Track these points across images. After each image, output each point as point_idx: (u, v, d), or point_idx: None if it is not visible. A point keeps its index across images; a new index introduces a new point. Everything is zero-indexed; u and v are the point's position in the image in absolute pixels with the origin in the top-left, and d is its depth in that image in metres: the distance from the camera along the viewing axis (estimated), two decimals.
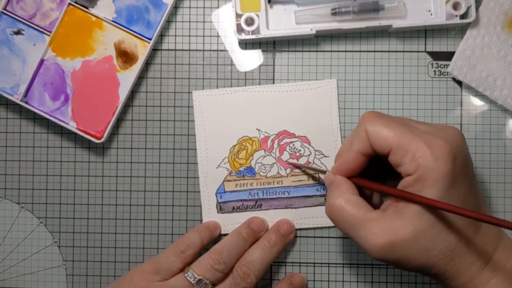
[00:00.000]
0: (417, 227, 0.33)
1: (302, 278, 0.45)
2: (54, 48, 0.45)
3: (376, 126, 0.35)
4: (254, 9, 0.44)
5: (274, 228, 0.44)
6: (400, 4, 0.43)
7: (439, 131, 0.35)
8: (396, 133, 0.34)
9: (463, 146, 0.35)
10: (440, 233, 0.33)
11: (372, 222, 0.34)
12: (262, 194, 0.45)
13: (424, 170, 0.33)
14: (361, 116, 0.37)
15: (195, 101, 0.46)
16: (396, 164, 0.35)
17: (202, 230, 0.43)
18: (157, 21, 0.45)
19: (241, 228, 0.43)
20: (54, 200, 0.47)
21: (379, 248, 0.34)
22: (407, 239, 0.33)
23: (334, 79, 0.45)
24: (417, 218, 0.33)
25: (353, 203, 0.36)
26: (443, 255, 0.34)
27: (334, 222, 0.37)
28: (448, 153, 0.33)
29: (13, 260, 0.47)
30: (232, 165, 0.46)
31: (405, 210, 0.34)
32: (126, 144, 0.46)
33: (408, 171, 0.34)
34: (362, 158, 0.37)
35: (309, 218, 0.45)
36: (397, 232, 0.33)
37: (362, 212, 0.35)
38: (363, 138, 0.36)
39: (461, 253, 0.34)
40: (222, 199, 0.46)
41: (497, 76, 0.44)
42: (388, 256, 0.34)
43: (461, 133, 0.36)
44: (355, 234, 0.35)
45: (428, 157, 0.33)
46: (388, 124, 0.35)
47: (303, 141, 0.45)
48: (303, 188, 0.45)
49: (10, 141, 0.47)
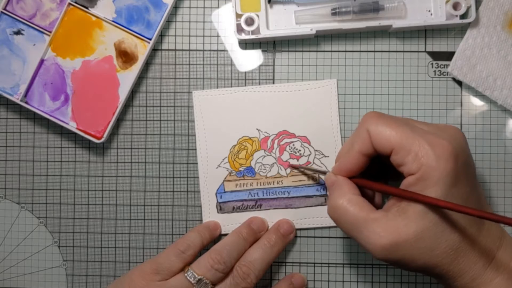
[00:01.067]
0: (420, 227, 0.33)
1: (302, 278, 0.45)
2: (54, 48, 0.45)
3: (378, 126, 0.35)
4: (254, 9, 0.44)
5: (274, 228, 0.44)
6: (400, 4, 0.43)
7: (440, 131, 0.35)
8: (398, 133, 0.34)
9: (464, 146, 0.35)
10: (443, 233, 0.33)
11: (375, 222, 0.34)
12: (262, 194, 0.45)
13: (426, 169, 0.33)
14: (363, 116, 0.37)
15: (195, 101, 0.46)
16: (398, 163, 0.35)
17: (202, 230, 0.43)
18: (157, 21, 0.45)
19: (241, 228, 0.43)
20: (54, 200, 0.47)
21: (382, 248, 0.34)
22: (410, 239, 0.33)
23: (334, 79, 0.45)
24: (420, 218, 0.33)
25: (356, 203, 0.36)
26: (447, 254, 0.34)
27: (337, 222, 0.37)
28: (450, 153, 0.33)
29: (13, 260, 0.47)
30: (232, 165, 0.46)
31: (408, 210, 0.34)
32: (126, 144, 0.46)
33: (410, 171, 0.34)
34: (363, 158, 0.37)
35: (309, 218, 0.45)
36: (400, 232, 0.33)
37: (365, 212, 0.35)
38: (365, 139, 0.36)
39: (465, 252, 0.34)
40: (222, 199, 0.46)
41: (497, 76, 0.44)
42: (391, 256, 0.34)
43: (462, 133, 0.36)
44: (358, 234, 0.35)
45: (431, 156, 0.33)
46: (390, 124, 0.35)
47: (303, 141, 0.45)
48: (303, 188, 0.45)
49: (10, 141, 0.47)
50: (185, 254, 0.41)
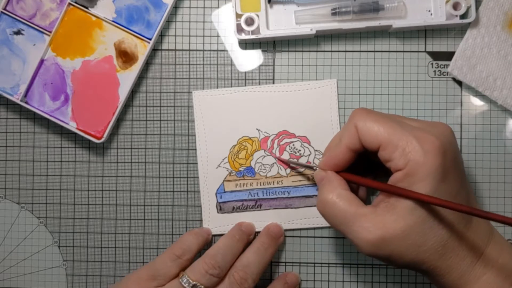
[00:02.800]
0: (408, 223, 0.33)
1: (296, 276, 0.45)
2: (54, 48, 0.45)
3: (366, 122, 0.36)
4: (254, 9, 0.44)
5: (265, 232, 0.44)
6: (400, 4, 0.43)
7: (429, 126, 0.35)
8: (386, 129, 0.35)
9: (453, 142, 0.35)
10: (431, 229, 0.33)
11: (363, 217, 0.34)
12: (262, 194, 0.45)
13: (414, 165, 0.33)
14: (352, 112, 0.37)
15: (195, 101, 0.46)
16: (386, 159, 0.35)
17: (198, 232, 0.43)
18: (157, 21, 0.45)
19: (233, 231, 0.43)
20: (54, 200, 0.47)
21: (370, 243, 0.34)
22: (398, 235, 0.33)
23: (334, 79, 0.45)
24: (408, 214, 0.33)
25: (345, 198, 0.36)
26: (434, 250, 0.34)
27: (326, 217, 0.37)
28: (438, 148, 0.33)
29: (13, 260, 0.47)
30: (232, 165, 0.46)
31: (397, 206, 0.34)
32: (126, 144, 0.46)
33: (397, 166, 0.34)
34: (350, 153, 0.37)
35: (309, 218, 0.45)
36: (389, 227, 0.33)
37: (354, 208, 0.35)
38: (353, 134, 0.36)
39: (452, 248, 0.34)
40: (222, 199, 0.46)
41: (497, 76, 0.44)
42: (379, 251, 0.34)
43: (450, 129, 0.36)
44: (347, 229, 0.35)
45: (418, 151, 0.33)
46: (378, 120, 0.35)
47: (303, 141, 0.45)
48: (303, 188, 0.45)
49: (10, 141, 0.47)
50: (182, 259, 0.41)
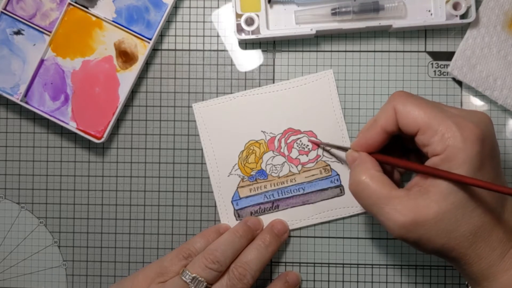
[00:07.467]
0: (441, 208, 0.33)
1: (297, 276, 0.45)
2: (54, 48, 0.45)
3: (406, 105, 0.36)
4: (254, 9, 0.44)
5: (268, 228, 0.44)
6: (400, 4, 0.43)
7: (468, 114, 0.35)
8: (426, 113, 0.35)
9: (492, 131, 0.35)
10: (463, 216, 0.33)
11: (396, 199, 0.34)
12: (278, 194, 0.45)
13: (452, 150, 0.33)
14: (391, 95, 0.37)
15: (197, 114, 0.46)
16: (424, 144, 0.35)
17: (211, 234, 0.43)
18: (157, 21, 0.45)
19: (237, 227, 0.43)
20: (54, 200, 0.47)
21: (401, 226, 0.34)
22: (430, 219, 0.33)
23: (330, 70, 0.45)
24: (442, 199, 0.33)
25: (378, 180, 0.36)
26: (465, 238, 0.34)
27: (358, 198, 0.37)
28: (477, 136, 0.33)
29: (13, 260, 0.47)
30: (243, 171, 0.45)
31: (430, 191, 0.34)
32: (126, 144, 0.46)
33: (435, 151, 0.34)
34: (384, 135, 0.37)
35: (328, 211, 0.45)
36: (421, 211, 0.33)
37: (387, 190, 0.35)
38: (390, 116, 0.36)
39: (483, 237, 0.34)
40: (238, 206, 0.45)
41: (497, 76, 0.44)
42: (409, 234, 0.34)
43: (490, 118, 0.36)
44: (379, 210, 0.35)
45: (458, 138, 0.33)
46: (419, 104, 0.35)
47: (309, 136, 0.45)
48: (317, 182, 0.45)
49: (10, 141, 0.47)
50: (188, 260, 0.41)
